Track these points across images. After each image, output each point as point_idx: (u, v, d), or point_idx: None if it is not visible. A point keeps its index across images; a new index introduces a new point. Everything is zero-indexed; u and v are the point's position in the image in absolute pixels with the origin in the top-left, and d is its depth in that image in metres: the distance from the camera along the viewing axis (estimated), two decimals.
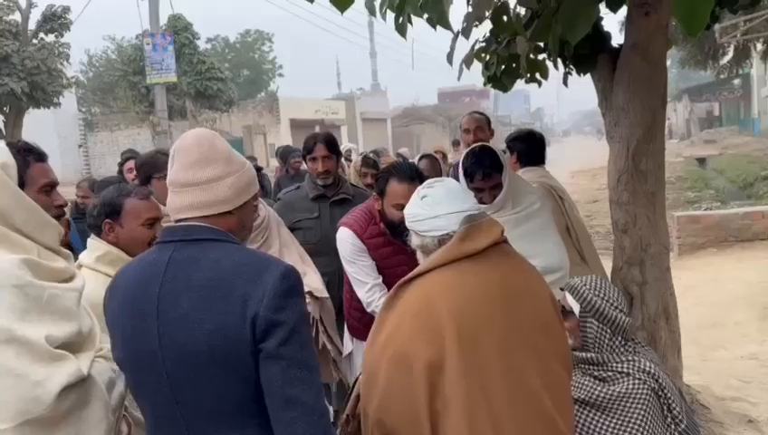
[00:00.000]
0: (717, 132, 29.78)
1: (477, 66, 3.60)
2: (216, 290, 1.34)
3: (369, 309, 2.81)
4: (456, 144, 10.72)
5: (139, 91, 21.18)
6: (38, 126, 15.04)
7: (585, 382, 2.14)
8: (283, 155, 7.37)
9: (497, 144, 3.38)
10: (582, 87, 3.52)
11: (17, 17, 15.92)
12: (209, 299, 1.34)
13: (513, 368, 1.58)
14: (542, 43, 3.27)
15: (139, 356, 1.42)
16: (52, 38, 16.30)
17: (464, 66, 3.45)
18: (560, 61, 3.30)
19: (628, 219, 3.12)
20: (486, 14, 2.95)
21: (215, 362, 1.34)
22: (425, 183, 1.86)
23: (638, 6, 2.87)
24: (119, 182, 3.29)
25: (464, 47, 3.52)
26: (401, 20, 2.74)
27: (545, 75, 3.55)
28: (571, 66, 3.32)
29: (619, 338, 2.15)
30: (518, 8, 3.08)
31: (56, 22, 16.04)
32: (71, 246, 2.05)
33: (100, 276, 2.05)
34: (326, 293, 2.93)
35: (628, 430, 2.01)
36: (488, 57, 3.58)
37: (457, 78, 3.52)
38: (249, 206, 1.53)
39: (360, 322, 2.95)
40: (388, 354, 1.61)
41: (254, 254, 1.47)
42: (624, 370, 2.10)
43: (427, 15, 2.57)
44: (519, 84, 3.76)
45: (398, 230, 2.71)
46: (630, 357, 2.13)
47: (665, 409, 2.09)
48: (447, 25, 2.37)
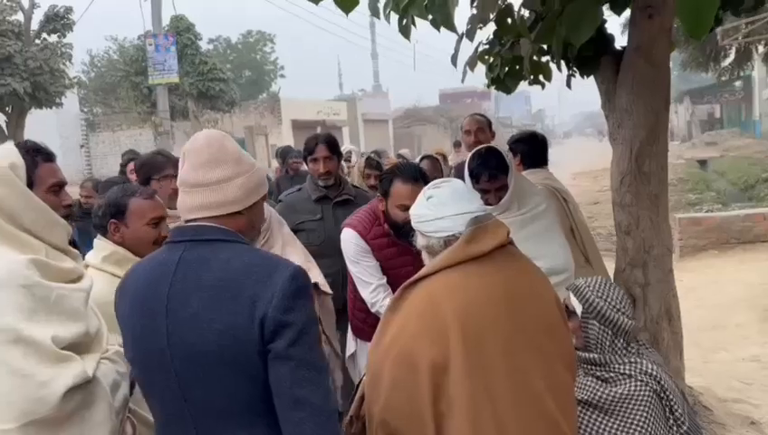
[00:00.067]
0: (718, 134, 29.72)
1: (479, 68, 3.60)
2: (226, 290, 1.35)
3: (374, 309, 2.81)
4: (457, 146, 10.71)
5: (141, 92, 21.17)
6: (40, 126, 15.03)
7: (588, 383, 2.14)
8: (283, 155, 7.32)
9: (498, 146, 3.38)
10: (584, 89, 3.53)
11: (20, 17, 15.90)
12: (219, 299, 1.35)
13: (518, 369, 1.58)
14: (545, 46, 3.28)
15: (149, 355, 1.43)
16: (54, 38, 16.27)
17: (467, 68, 3.45)
18: (563, 63, 3.31)
19: (631, 221, 3.12)
20: (491, 16, 2.95)
21: (223, 361, 1.34)
22: (431, 183, 1.85)
23: (641, 9, 2.87)
24: (123, 183, 3.29)
25: (467, 49, 3.53)
26: (405, 22, 2.74)
27: (549, 77, 3.55)
28: (575, 68, 3.31)
29: (621, 340, 2.15)
30: (522, 10, 3.09)
31: (59, 22, 16.02)
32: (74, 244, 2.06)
33: (106, 276, 2.06)
34: (329, 289, 2.93)
35: (630, 431, 2.02)
36: (492, 59, 3.58)
37: (461, 80, 3.52)
38: (259, 206, 1.54)
39: (365, 322, 2.95)
40: (392, 354, 1.61)
41: (263, 255, 1.48)
42: (626, 371, 2.11)
43: (431, 17, 2.57)
44: (520, 86, 3.75)
45: (402, 231, 2.71)
46: (633, 359, 2.14)
47: (667, 410, 2.09)
48: (452, 27, 2.37)
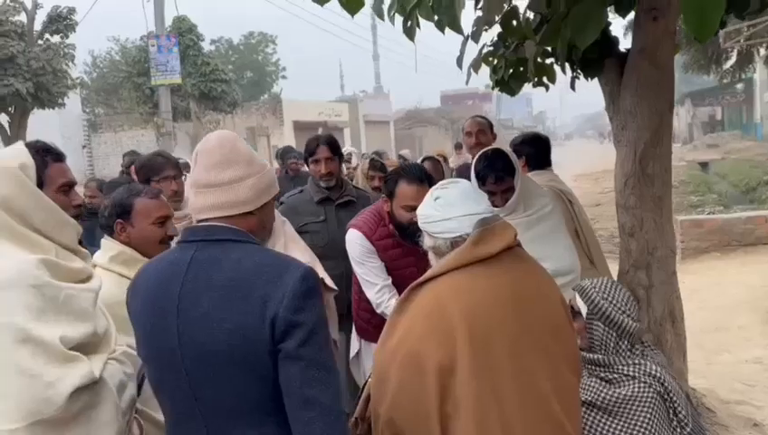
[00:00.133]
0: (720, 137, 29.70)
1: (480, 69, 3.60)
2: (237, 290, 1.36)
3: (379, 310, 2.81)
4: (459, 147, 10.72)
5: (143, 93, 21.17)
6: (42, 126, 15.02)
7: (591, 384, 2.15)
8: (282, 156, 7.33)
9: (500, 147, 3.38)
10: (586, 91, 3.53)
11: (23, 18, 15.92)
12: (230, 299, 1.36)
13: (524, 371, 1.58)
14: (549, 48, 3.28)
15: (160, 354, 1.43)
16: (57, 39, 16.29)
17: (472, 70, 3.46)
18: (567, 65, 3.31)
19: (634, 223, 3.13)
20: (496, 18, 2.96)
21: (234, 361, 1.35)
22: (438, 184, 1.85)
23: (646, 11, 2.87)
24: (127, 183, 3.30)
25: (471, 51, 3.55)
26: (410, 24, 2.75)
27: (553, 79, 3.55)
28: (579, 70, 3.32)
29: (626, 342, 2.16)
30: (527, 13, 3.09)
31: (61, 23, 16.03)
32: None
33: (114, 276, 2.07)
34: (334, 285, 2.93)
35: (634, 432, 2.02)
36: (496, 61, 3.59)
37: (465, 82, 3.52)
38: (269, 207, 1.55)
39: (369, 323, 2.96)
40: (399, 356, 1.61)
41: (274, 255, 1.48)
42: (630, 373, 2.11)
43: (436, 19, 2.57)
44: (522, 88, 3.76)
45: (407, 232, 2.72)
46: (637, 360, 2.14)
47: (670, 412, 2.10)
48: (459, 29, 2.37)
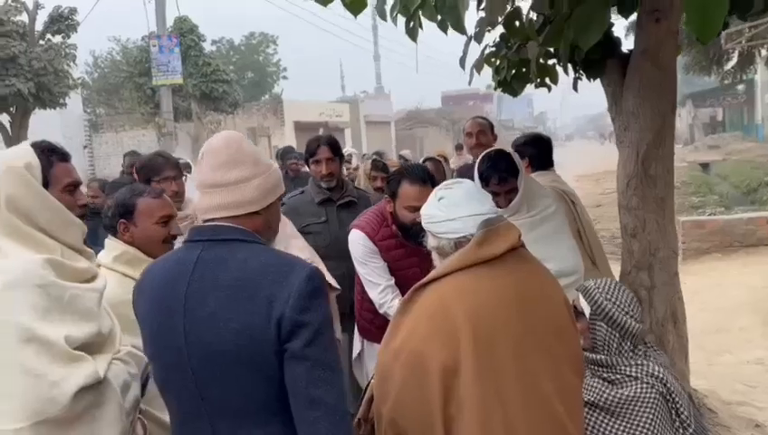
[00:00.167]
0: (721, 138, 29.70)
1: (481, 70, 3.61)
2: (243, 290, 1.36)
3: (382, 310, 2.81)
4: (459, 148, 10.74)
5: (144, 93, 21.17)
6: (44, 127, 14.99)
7: (594, 385, 2.15)
8: (282, 156, 7.33)
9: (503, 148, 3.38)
10: (586, 92, 3.53)
11: (24, 18, 15.90)
12: (236, 299, 1.36)
13: (528, 372, 1.58)
14: (551, 49, 3.29)
15: (166, 353, 1.44)
16: (58, 39, 16.28)
17: (474, 70, 3.46)
18: (569, 66, 3.31)
19: (637, 224, 3.13)
20: (499, 19, 2.96)
21: (240, 361, 1.35)
22: (442, 184, 1.85)
23: (648, 13, 2.88)
24: (130, 183, 3.31)
25: (473, 52, 3.54)
26: (412, 24, 2.75)
27: (555, 80, 3.56)
28: (581, 71, 3.33)
29: (628, 343, 2.15)
30: (531, 13, 3.10)
31: (63, 23, 15.99)
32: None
33: (117, 276, 2.08)
34: (336, 284, 2.92)
35: (636, 433, 2.02)
36: (498, 62, 3.60)
37: (468, 82, 3.53)
38: (275, 207, 1.56)
39: (372, 323, 2.96)
40: (402, 356, 1.61)
41: (280, 255, 1.49)
42: (633, 373, 2.11)
43: (439, 19, 2.58)
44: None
45: (410, 232, 2.72)
46: (640, 361, 2.14)
47: (673, 413, 2.10)
48: (463, 30, 2.37)
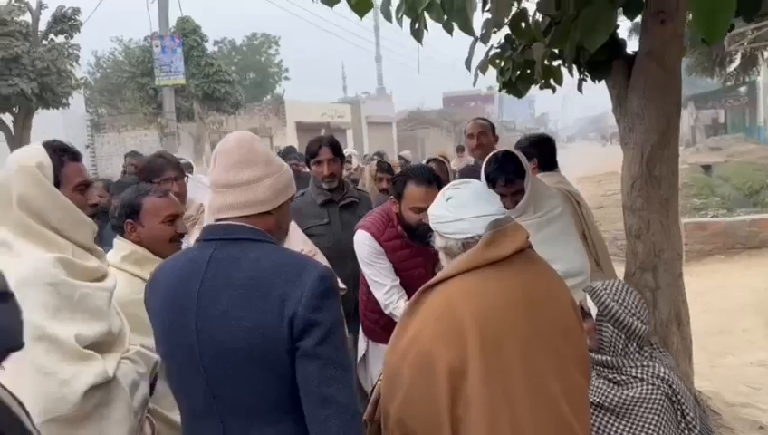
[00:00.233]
0: (723, 140, 29.60)
1: (487, 71, 3.61)
2: (256, 289, 1.37)
3: (387, 311, 2.81)
4: (461, 150, 10.74)
5: (146, 93, 21.19)
6: (47, 127, 14.98)
7: (600, 386, 2.15)
8: (283, 156, 7.38)
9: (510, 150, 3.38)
10: (588, 93, 3.54)
11: (28, 18, 15.91)
12: (249, 298, 1.37)
13: (535, 373, 1.58)
14: (556, 50, 3.29)
15: (178, 351, 1.45)
16: (61, 39, 16.29)
17: (479, 72, 3.47)
18: (574, 67, 3.32)
19: (641, 225, 3.13)
20: (505, 20, 2.96)
21: (252, 359, 1.36)
22: (450, 184, 1.85)
23: (653, 14, 2.88)
24: (135, 183, 3.32)
25: (477, 53, 3.54)
26: (417, 25, 2.76)
27: (560, 81, 3.56)
28: (586, 72, 3.33)
29: (634, 344, 2.16)
30: (536, 15, 3.10)
31: (66, 23, 16.00)
32: None
33: (126, 276, 2.08)
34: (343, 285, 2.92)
35: (642, 434, 2.03)
36: (503, 63, 3.60)
37: (473, 83, 3.54)
38: (286, 207, 1.56)
39: (377, 323, 2.96)
40: (410, 356, 1.62)
41: (291, 254, 1.50)
42: (638, 375, 2.12)
43: (445, 20, 2.58)
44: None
45: (415, 233, 2.73)
46: (645, 362, 2.15)
47: (678, 414, 2.10)
48: (471, 31, 2.37)
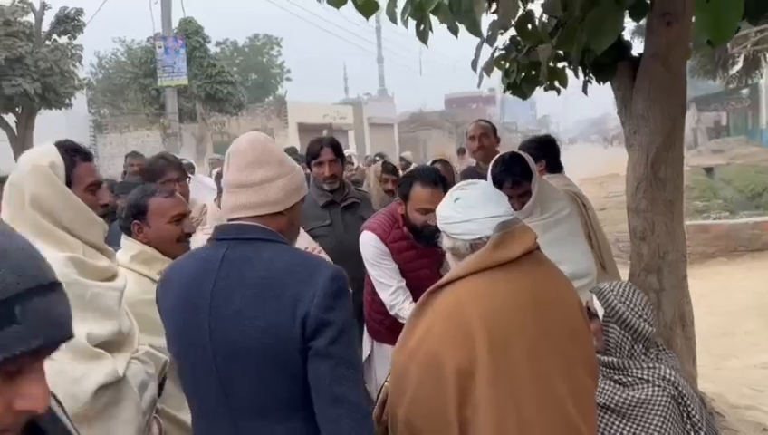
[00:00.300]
0: (725, 142, 29.52)
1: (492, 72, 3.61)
2: (269, 289, 1.38)
3: (393, 312, 2.81)
4: (461, 152, 10.73)
5: (149, 94, 21.24)
6: (49, 127, 15.01)
7: (605, 387, 2.15)
8: None
9: (504, 151, 3.38)
10: (589, 95, 3.54)
11: (31, 19, 15.96)
12: (262, 297, 1.37)
13: (542, 375, 1.58)
14: (562, 52, 3.29)
15: (190, 350, 1.45)
16: (65, 40, 16.34)
17: (484, 73, 3.47)
18: (579, 69, 3.32)
19: (646, 227, 3.13)
20: (511, 21, 2.97)
21: (265, 359, 1.37)
22: (458, 184, 1.85)
23: (659, 16, 2.88)
24: (140, 183, 3.33)
25: (482, 54, 3.55)
26: (423, 27, 2.77)
27: (564, 83, 3.57)
28: (591, 74, 3.33)
29: (641, 345, 2.16)
30: (543, 16, 3.11)
31: (69, 24, 16.05)
32: None
33: (134, 275, 2.09)
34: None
35: None
36: (508, 64, 3.61)
37: (477, 85, 3.55)
38: (298, 207, 1.57)
39: (382, 324, 2.96)
40: (418, 356, 1.62)
41: (303, 255, 1.51)
42: (644, 376, 2.12)
43: (450, 21, 2.58)
44: None
45: (421, 234, 2.74)
46: (652, 364, 2.15)
47: (684, 416, 2.10)
48: (479, 33, 2.38)
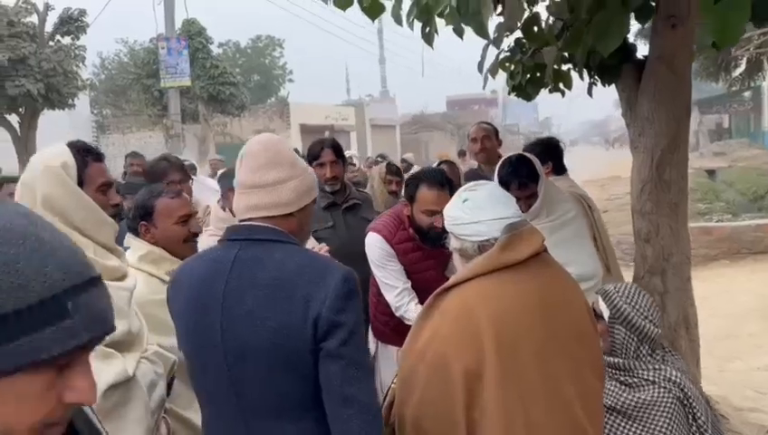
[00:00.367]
0: (727, 144, 29.45)
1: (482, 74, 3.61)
2: (281, 290, 1.38)
3: (398, 313, 2.82)
4: (463, 154, 10.74)
5: (152, 95, 21.26)
6: (52, 127, 15.03)
7: (611, 388, 2.16)
8: None
9: (506, 153, 3.39)
10: (591, 97, 3.54)
11: (34, 19, 15.99)
12: (274, 298, 1.38)
13: (550, 376, 1.59)
14: (566, 54, 3.30)
15: (202, 350, 1.46)
16: (68, 40, 16.37)
17: (489, 75, 3.48)
18: (585, 71, 3.33)
19: (650, 229, 3.13)
20: (518, 24, 2.97)
21: (276, 359, 1.37)
22: (466, 186, 1.86)
23: (664, 19, 2.88)
24: (144, 183, 3.34)
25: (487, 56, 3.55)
26: (428, 29, 2.78)
27: (569, 85, 3.57)
28: (596, 76, 3.34)
29: (646, 347, 2.17)
30: (549, 18, 3.11)
31: (73, 24, 16.08)
32: None
33: (143, 275, 2.09)
34: None
35: None
36: (513, 66, 3.61)
37: (482, 86, 3.55)
38: (309, 209, 1.58)
39: (387, 325, 2.96)
40: (426, 357, 1.62)
41: (314, 256, 1.52)
42: (650, 378, 2.13)
43: (457, 23, 2.59)
44: None
45: (426, 236, 2.75)
46: (657, 365, 2.16)
47: (690, 417, 2.11)
48: (486, 35, 2.39)
